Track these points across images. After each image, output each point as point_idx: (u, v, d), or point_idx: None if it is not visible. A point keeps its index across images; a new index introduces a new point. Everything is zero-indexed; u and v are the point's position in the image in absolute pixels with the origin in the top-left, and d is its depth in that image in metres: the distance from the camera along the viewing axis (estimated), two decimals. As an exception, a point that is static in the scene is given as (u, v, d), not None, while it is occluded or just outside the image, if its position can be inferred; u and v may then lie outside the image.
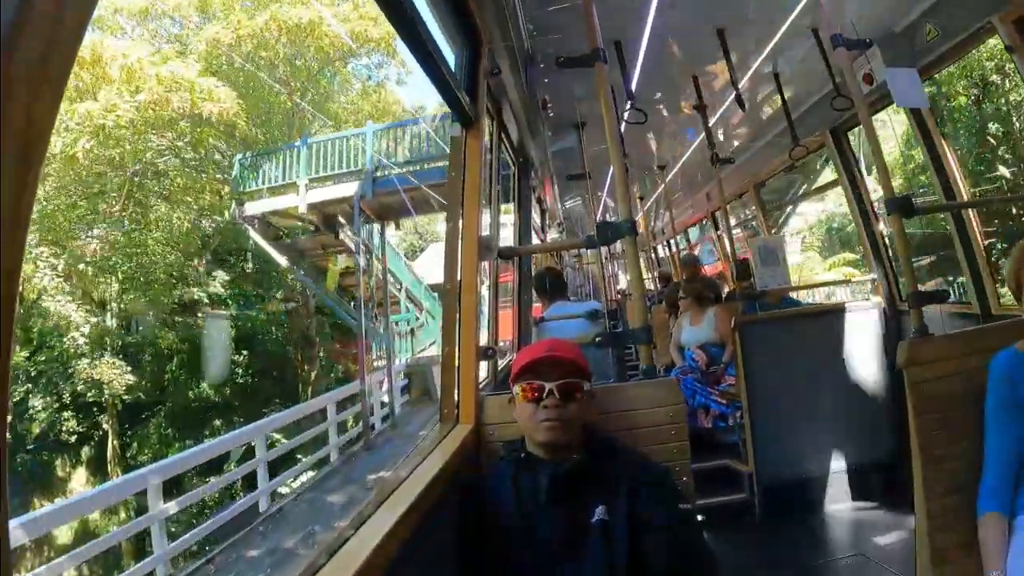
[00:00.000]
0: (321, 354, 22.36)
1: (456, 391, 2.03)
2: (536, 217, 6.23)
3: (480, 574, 1.58)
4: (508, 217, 4.70)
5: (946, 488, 1.85)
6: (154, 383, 19.25)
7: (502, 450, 1.75)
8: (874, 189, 5.07)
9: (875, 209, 4.47)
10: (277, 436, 15.10)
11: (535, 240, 5.85)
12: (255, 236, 16.40)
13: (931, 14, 3.11)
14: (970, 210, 3.49)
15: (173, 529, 9.57)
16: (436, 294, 22.52)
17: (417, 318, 20.30)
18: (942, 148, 3.40)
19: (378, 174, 14.94)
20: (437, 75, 1.77)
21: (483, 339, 2.41)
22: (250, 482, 10.16)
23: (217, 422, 19.13)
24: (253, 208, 15.87)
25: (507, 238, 4.81)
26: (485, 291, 3.75)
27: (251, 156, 16.71)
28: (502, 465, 1.72)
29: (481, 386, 2.26)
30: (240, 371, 20.36)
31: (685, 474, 1.78)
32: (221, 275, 20.49)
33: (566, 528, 1.52)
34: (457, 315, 2.12)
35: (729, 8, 3.29)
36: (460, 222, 2.17)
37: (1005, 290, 3.43)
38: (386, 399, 15.11)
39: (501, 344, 4.95)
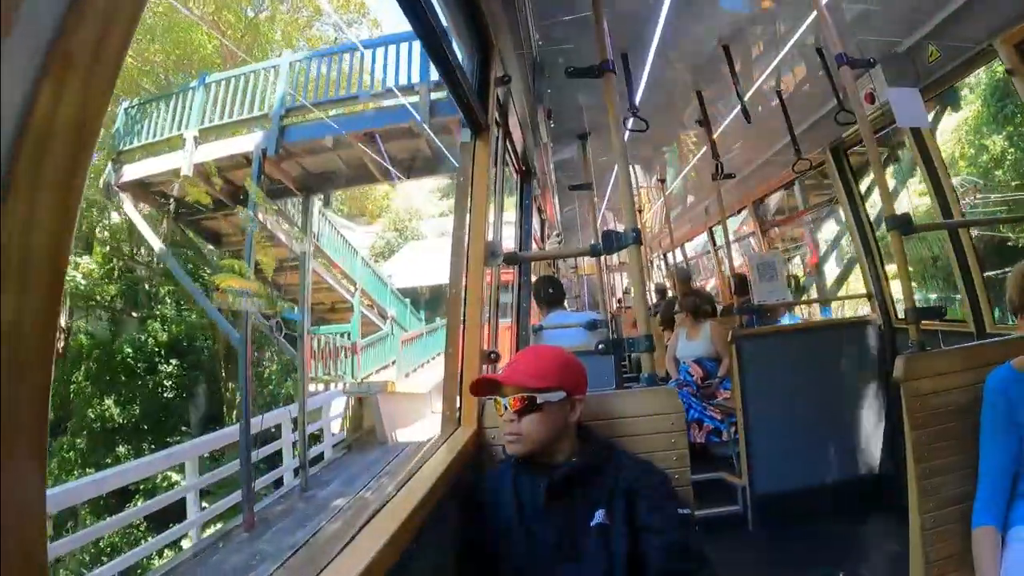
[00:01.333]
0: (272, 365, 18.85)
1: (458, 394, 2.05)
2: (536, 226, 6.25)
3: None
4: (507, 215, 4.69)
5: (940, 501, 1.88)
6: (63, 397, 16.29)
7: (502, 453, 1.77)
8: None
9: (872, 225, 4.52)
10: (176, 478, 12.37)
11: (534, 248, 5.86)
12: (129, 211, 12.21)
13: (933, 36, 3.16)
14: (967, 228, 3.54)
15: None
16: (408, 300, 19.47)
17: (380, 328, 16.50)
18: (942, 168, 3.45)
19: (289, 120, 10.49)
20: (453, 81, 1.80)
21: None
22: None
23: (122, 448, 15.78)
24: (133, 172, 11.70)
25: (508, 237, 4.80)
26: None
27: (139, 103, 12.73)
28: (502, 468, 1.74)
29: None
30: (168, 384, 16.73)
31: (684, 482, 1.80)
32: (85, 262, 16.86)
33: (565, 531, 1.54)
34: (462, 319, 2.14)
35: (734, 25, 3.34)
36: (467, 227, 2.19)
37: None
38: (326, 436, 12.10)
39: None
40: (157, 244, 12.46)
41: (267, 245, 12.27)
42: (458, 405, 2.03)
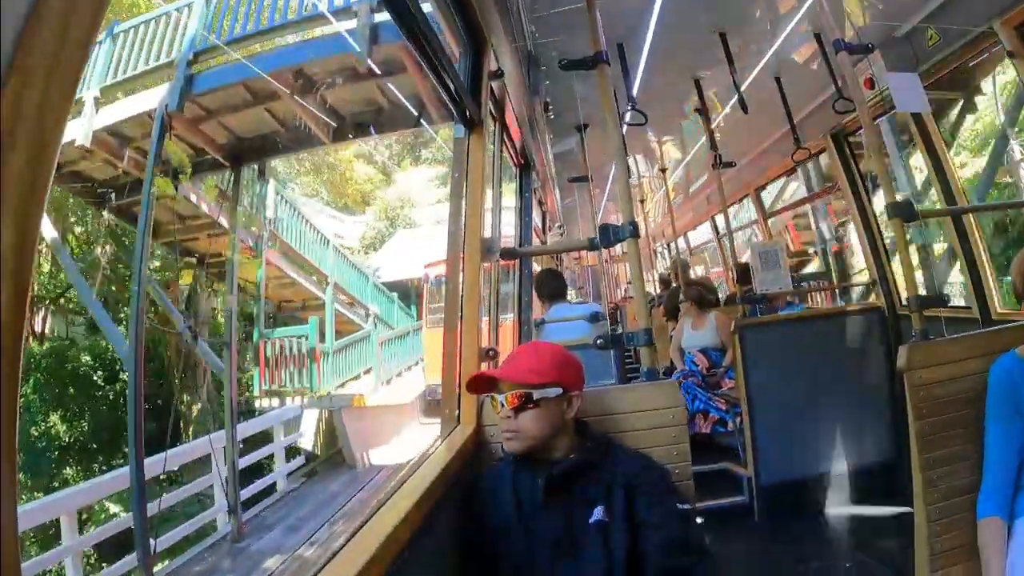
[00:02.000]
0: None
1: (458, 392, 2.04)
2: (537, 219, 6.24)
3: (480, 574, 1.60)
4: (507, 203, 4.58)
5: (945, 491, 1.86)
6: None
7: (501, 451, 1.76)
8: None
9: (876, 212, 4.48)
10: (115, 510, 10.58)
11: (536, 242, 5.85)
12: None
13: (932, 19, 3.13)
14: (971, 214, 3.50)
15: None
16: (396, 294, 17.52)
17: (362, 327, 14.44)
18: (943, 153, 3.41)
19: (200, 66, 8.22)
20: (440, 77, 1.78)
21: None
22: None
23: (69, 470, 13.70)
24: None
25: (508, 223, 4.75)
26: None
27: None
28: (501, 465, 1.74)
29: None
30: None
31: (685, 477, 1.78)
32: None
33: (564, 528, 1.53)
34: (459, 316, 2.13)
35: (731, 12, 3.31)
36: (463, 222, 2.17)
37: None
38: (279, 462, 10.26)
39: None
40: (51, 234, 10.29)
41: (208, 233, 10.28)
42: (457, 403, 2.02)
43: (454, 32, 2.15)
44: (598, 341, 2.14)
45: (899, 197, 2.33)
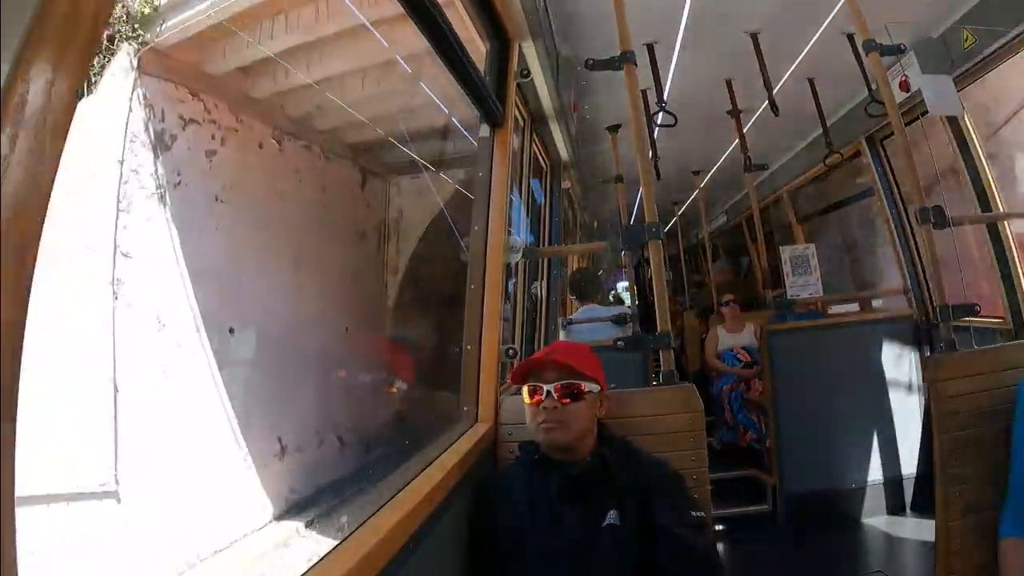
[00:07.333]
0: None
1: (476, 390, 2.05)
2: (570, 218, 6.24)
3: (488, 574, 1.60)
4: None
5: (967, 508, 1.81)
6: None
7: (517, 450, 1.77)
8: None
9: (910, 219, 4.38)
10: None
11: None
12: None
13: (969, 19, 3.03)
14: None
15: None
16: None
17: None
18: (978, 157, 3.32)
19: None
20: (464, 76, 1.79)
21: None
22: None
23: None
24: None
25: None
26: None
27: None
28: (516, 465, 1.74)
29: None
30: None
31: (702, 483, 1.77)
32: None
33: (577, 531, 1.53)
34: (481, 314, 2.14)
35: (762, 12, 3.26)
36: (487, 221, 2.19)
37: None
38: None
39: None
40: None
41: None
42: (475, 400, 2.04)
43: (480, 31, 2.17)
44: (618, 343, 2.12)
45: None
